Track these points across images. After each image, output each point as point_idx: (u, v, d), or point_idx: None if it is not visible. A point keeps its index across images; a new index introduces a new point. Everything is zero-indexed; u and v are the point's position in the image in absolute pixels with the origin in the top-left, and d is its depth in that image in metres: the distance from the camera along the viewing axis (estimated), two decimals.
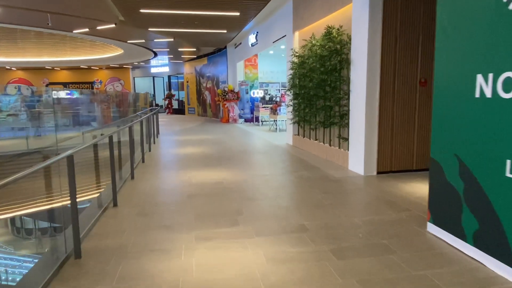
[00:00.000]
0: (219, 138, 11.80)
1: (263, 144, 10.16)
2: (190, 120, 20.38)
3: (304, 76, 8.50)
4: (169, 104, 25.67)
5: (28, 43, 22.57)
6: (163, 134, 13.46)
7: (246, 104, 17.12)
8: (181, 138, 12.14)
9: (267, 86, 17.90)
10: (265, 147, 9.57)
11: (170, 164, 7.53)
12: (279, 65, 18.04)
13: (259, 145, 9.98)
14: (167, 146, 10.22)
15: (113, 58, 22.97)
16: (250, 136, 12.29)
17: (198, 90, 22.80)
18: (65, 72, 28.76)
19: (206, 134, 13.11)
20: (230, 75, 17.92)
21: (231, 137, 12.02)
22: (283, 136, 11.83)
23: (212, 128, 15.11)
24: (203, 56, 21.40)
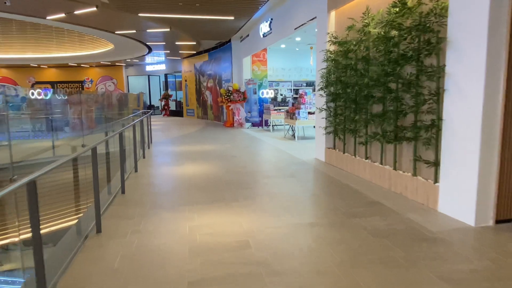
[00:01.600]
0: (226, 149, 9.35)
1: (285, 160, 7.73)
2: (189, 123, 17.91)
3: (349, 69, 6.07)
4: (165, 105, 23.20)
5: (10, 37, 20.08)
6: (157, 143, 10.99)
7: (254, 106, 14.69)
8: (178, 148, 9.68)
9: (277, 85, 15.48)
10: (290, 165, 7.14)
11: (161, 199, 5.08)
12: (292, 61, 15.61)
13: (281, 162, 7.55)
14: (159, 163, 7.76)
15: (104, 55, 20.50)
16: (263, 146, 9.85)
17: (198, 90, 20.35)
18: (52, 70, 26.23)
19: (209, 142, 10.66)
20: (235, 72, 15.49)
21: (241, 147, 9.58)
22: (306, 148, 9.40)
23: (216, 135, 12.66)
24: (204, 52, 18.95)
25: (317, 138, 7.76)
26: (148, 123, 10.31)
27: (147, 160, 8.05)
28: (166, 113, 23.22)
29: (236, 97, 14.64)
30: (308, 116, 10.57)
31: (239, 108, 14.86)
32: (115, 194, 5.18)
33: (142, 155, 8.26)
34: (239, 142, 10.67)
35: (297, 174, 6.37)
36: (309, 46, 14.30)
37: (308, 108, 10.72)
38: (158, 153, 8.96)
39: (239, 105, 14.83)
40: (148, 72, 24.95)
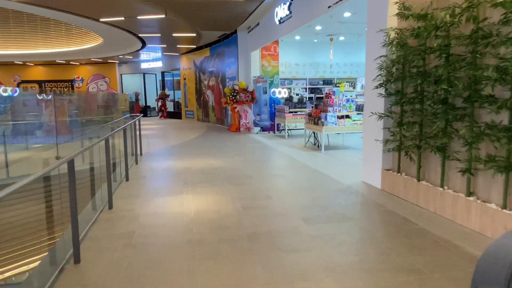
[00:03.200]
0: (237, 165, 7.14)
1: (322, 185, 5.52)
2: (189, 127, 15.68)
3: (440, 55, 3.88)
4: (162, 106, 20.96)
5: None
6: (149, 155, 8.77)
7: (264, 108, 12.49)
8: (174, 164, 7.46)
9: (290, 83, 13.29)
10: (333, 195, 4.94)
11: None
12: (308, 55, 13.41)
13: (317, 188, 5.34)
14: (147, 192, 5.55)
15: (93, 50, 18.26)
16: (283, 160, 7.65)
17: (198, 90, 18.13)
18: (39, 68, 23.95)
19: (213, 154, 8.44)
20: (242, 69, 13.28)
21: (255, 162, 7.37)
22: (340, 162, 7.21)
23: (220, 143, 10.44)
24: (205, 46, 16.73)
25: (367, 154, 5.55)
26: (134, 129, 8.08)
27: (131, 185, 5.82)
28: (163, 115, 20.99)
29: (243, 97, 12.44)
30: (338, 121, 8.37)
31: (246, 110, 12.66)
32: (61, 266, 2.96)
33: (125, 177, 6.03)
34: (251, 153, 8.46)
35: (350, 213, 4.17)
36: (328, 37, 12.12)
37: (337, 110, 8.53)
38: (148, 172, 6.74)
39: (246, 106, 12.63)
40: (144, 70, 22.72)
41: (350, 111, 8.64)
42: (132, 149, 7.58)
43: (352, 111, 8.66)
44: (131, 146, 7.59)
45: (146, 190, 5.36)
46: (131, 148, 7.60)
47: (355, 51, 13.65)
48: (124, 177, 6.02)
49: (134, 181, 5.94)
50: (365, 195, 4.92)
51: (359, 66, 13.76)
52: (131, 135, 7.45)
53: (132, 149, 7.57)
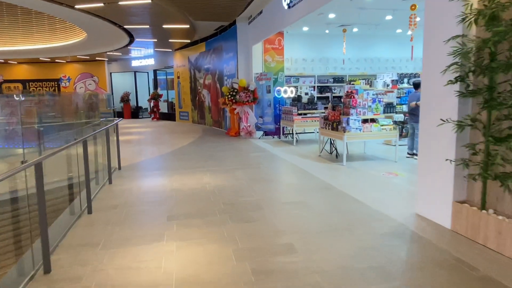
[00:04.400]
0: (240, 186, 5.48)
1: (360, 221, 3.88)
2: (183, 130, 14.00)
3: None
4: (154, 107, 19.25)
5: None
6: (130, 168, 7.10)
7: (267, 109, 10.84)
8: (160, 184, 5.80)
9: (296, 81, 11.64)
10: (385, 244, 3.31)
11: None
12: (316, 50, 11.78)
13: (355, 228, 3.70)
14: (115, 235, 3.89)
15: (77, 46, 16.55)
16: (299, 177, 5.99)
17: (193, 89, 16.46)
18: (23, 67, 22.18)
19: (210, 168, 6.77)
20: (242, 65, 11.62)
21: (263, 182, 5.71)
22: (371, 179, 5.58)
23: (218, 151, 8.78)
24: (200, 41, 15.06)
25: (424, 178, 3.92)
26: (108, 139, 6.41)
27: (93, 222, 4.16)
28: (155, 117, 19.29)
29: (244, 97, 10.79)
30: (362, 126, 6.75)
31: (247, 111, 11.00)
32: None
33: (87, 209, 4.37)
34: (256, 167, 6.81)
35: (428, 284, 2.54)
36: (341, 28, 10.49)
37: (361, 113, 6.91)
38: (122, 198, 5.08)
39: (247, 107, 10.98)
40: (135, 68, 20.99)
41: (377, 113, 7.02)
42: (106, 164, 5.91)
43: (379, 113, 7.04)
44: (107, 159, 5.93)
45: (111, 233, 3.71)
46: (106, 162, 5.93)
47: (370, 45, 12.04)
48: (85, 209, 4.36)
49: (99, 215, 4.27)
50: (433, 243, 3.29)
51: (374, 62, 12.15)
52: (106, 145, 5.79)
53: (106, 163, 5.90)
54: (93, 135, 4.75)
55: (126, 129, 15.10)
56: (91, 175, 5.87)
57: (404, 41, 12.22)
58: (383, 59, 12.22)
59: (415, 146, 7.21)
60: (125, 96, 20.99)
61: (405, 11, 8.57)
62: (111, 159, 6.42)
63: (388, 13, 9.07)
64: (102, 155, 6.18)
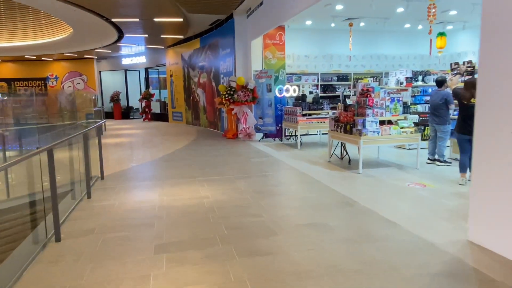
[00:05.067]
0: (245, 202, 4.59)
1: (404, 253, 3.02)
2: (176, 132, 13.07)
3: None
4: (146, 107, 18.27)
5: None
6: (114, 178, 6.17)
7: (268, 109, 9.96)
8: (147, 199, 4.88)
9: (298, 79, 10.78)
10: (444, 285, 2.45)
11: None
12: (320, 46, 10.95)
13: (401, 264, 2.83)
14: (81, 281, 2.96)
15: (64, 43, 15.53)
16: (312, 189, 5.10)
17: (187, 88, 15.52)
18: (8, 65, 21.03)
19: (207, 177, 5.87)
20: (240, 62, 10.72)
21: (271, 196, 4.83)
22: (395, 192, 4.73)
23: (216, 156, 7.88)
24: (194, 37, 14.13)
25: (481, 196, 3.07)
26: (86, 145, 5.49)
27: (60, 253, 3.25)
28: (147, 117, 18.31)
29: (242, 96, 9.90)
30: (380, 129, 5.90)
31: (246, 112, 10.12)
32: None
33: (54, 236, 3.44)
34: (260, 175, 5.93)
35: None
36: (347, 22, 9.66)
37: (379, 114, 6.06)
38: (101, 218, 4.16)
39: (246, 108, 10.10)
40: (125, 66, 19.97)
41: (396, 114, 6.19)
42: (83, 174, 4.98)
43: (398, 114, 6.20)
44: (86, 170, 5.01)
45: (80, 274, 2.79)
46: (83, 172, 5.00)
47: (376, 41, 11.25)
48: (52, 236, 3.44)
49: (69, 244, 3.36)
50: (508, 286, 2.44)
51: (380, 59, 11.34)
52: (84, 153, 4.86)
53: (82, 174, 4.97)
54: (63, 141, 3.83)
55: (116, 130, 14.12)
56: (66, 187, 4.95)
57: (412, 36, 11.45)
58: (390, 56, 11.42)
59: (436, 151, 6.39)
60: (115, 95, 19.97)
61: (419, 2, 7.78)
62: (91, 168, 5.50)
63: (401, 5, 8.27)
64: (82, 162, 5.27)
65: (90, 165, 5.59)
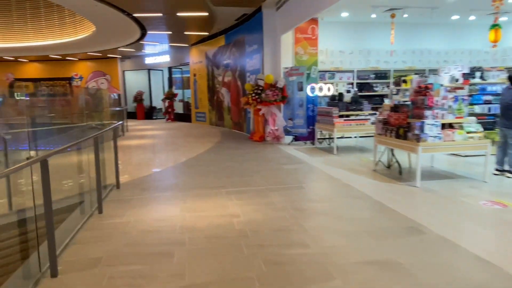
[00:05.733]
0: (284, 223, 3.73)
1: None
2: (199, 134, 12.39)
3: None
4: (169, 107, 17.74)
5: None
6: (131, 188, 5.46)
7: (299, 110, 9.07)
8: (166, 217, 4.11)
9: (331, 77, 9.83)
10: None
11: None
12: (356, 40, 9.95)
13: None
14: None
15: (87, 41, 15.18)
16: (364, 207, 4.18)
17: (211, 87, 14.83)
18: (34, 65, 21.11)
19: (235, 188, 5.05)
20: (268, 58, 9.88)
21: (316, 215, 3.96)
22: (467, 212, 3.75)
23: (243, 162, 7.06)
24: (219, 34, 13.42)
25: None
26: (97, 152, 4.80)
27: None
28: (169, 118, 17.78)
29: (271, 95, 9.06)
30: (442, 134, 4.91)
31: (274, 113, 9.27)
32: None
33: (49, 268, 2.71)
34: (297, 186, 5.06)
35: None
36: (388, 13, 8.63)
37: (439, 115, 5.07)
38: (111, 243, 3.43)
39: (274, 108, 9.25)
40: (149, 65, 19.54)
41: (460, 116, 5.17)
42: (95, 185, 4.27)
43: (462, 116, 5.18)
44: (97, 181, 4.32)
45: None
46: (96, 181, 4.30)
47: (420, 34, 10.15)
48: (47, 269, 2.71)
49: (66, 283, 2.61)
50: None
51: (424, 55, 10.22)
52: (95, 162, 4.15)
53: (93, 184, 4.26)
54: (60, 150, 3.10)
55: (138, 131, 13.60)
56: (75, 198, 4.27)
57: (460, 29, 10.26)
58: (435, 51, 10.27)
59: (507, 160, 5.32)
60: (138, 95, 19.58)
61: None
62: (106, 175, 4.81)
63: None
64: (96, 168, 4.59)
65: (104, 173, 4.90)
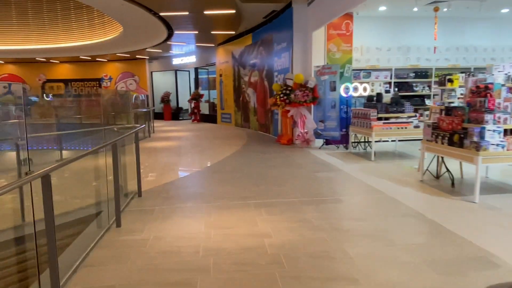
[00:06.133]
0: (329, 245, 3.18)
1: None
2: (225, 135, 12.00)
3: None
4: (195, 108, 17.50)
5: (9, 24, 15.92)
6: (152, 196, 5.07)
7: (331, 111, 8.45)
8: (195, 228, 3.65)
9: (367, 76, 9.13)
10: None
11: None
12: (394, 36, 9.21)
13: None
14: None
15: (116, 42, 15.19)
16: (413, 225, 3.53)
17: (237, 88, 14.42)
18: (65, 66, 21.50)
19: (264, 200, 4.55)
20: (298, 57, 9.31)
21: (360, 231, 3.37)
22: None
23: (271, 168, 6.55)
24: (246, 32, 12.98)
25: None
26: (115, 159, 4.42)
27: None
28: (195, 119, 17.53)
29: (300, 96, 8.50)
30: (506, 142, 4.19)
31: (304, 115, 8.69)
32: None
33: None
34: (334, 199, 4.48)
35: None
36: (431, 7, 7.85)
37: (501, 120, 4.34)
38: (126, 266, 3.01)
39: (304, 109, 8.68)
40: (176, 66, 19.40)
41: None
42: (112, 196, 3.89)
43: None
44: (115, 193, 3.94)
45: None
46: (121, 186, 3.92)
47: (465, 30, 9.26)
48: None
49: None
50: None
51: (469, 52, 9.32)
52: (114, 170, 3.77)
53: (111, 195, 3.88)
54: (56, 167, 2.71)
55: (164, 132, 13.39)
56: (93, 209, 3.91)
57: (509, 24, 9.29)
58: (481, 48, 9.34)
59: None
60: (166, 96, 19.49)
61: None
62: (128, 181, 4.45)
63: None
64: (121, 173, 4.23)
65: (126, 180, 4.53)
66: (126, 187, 4.81)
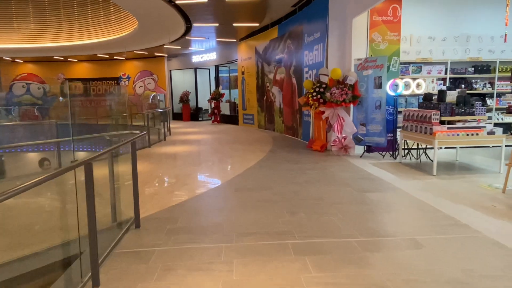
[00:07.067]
0: None
1: None
2: (248, 139, 10.73)
3: None
4: (215, 108, 16.34)
5: (26, 22, 15.45)
6: (161, 219, 3.83)
7: (374, 112, 7.02)
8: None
9: (417, 71, 7.64)
10: None
11: None
12: (450, 24, 7.68)
13: None
14: None
15: (132, 38, 14.25)
16: None
17: (260, 86, 13.14)
18: (84, 65, 20.89)
19: (309, 232, 3.24)
20: (334, 49, 7.91)
21: None
22: None
23: (305, 183, 5.21)
24: (271, 25, 11.68)
25: None
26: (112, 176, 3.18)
27: None
28: (215, 119, 16.38)
29: (337, 95, 7.12)
30: None
31: (342, 117, 7.30)
32: None
33: None
34: (404, 239, 3.11)
35: None
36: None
37: None
38: None
39: (342, 110, 7.29)
40: (196, 64, 18.33)
41: None
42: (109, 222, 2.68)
43: None
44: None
45: None
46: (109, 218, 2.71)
47: None
48: None
49: None
50: None
51: None
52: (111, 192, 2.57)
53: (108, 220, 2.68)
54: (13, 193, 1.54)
55: (180, 135, 12.29)
56: (58, 252, 2.72)
57: None
58: None
59: None
60: (185, 95, 18.47)
61: None
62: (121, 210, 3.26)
63: None
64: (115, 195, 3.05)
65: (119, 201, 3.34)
66: (120, 214, 3.61)
